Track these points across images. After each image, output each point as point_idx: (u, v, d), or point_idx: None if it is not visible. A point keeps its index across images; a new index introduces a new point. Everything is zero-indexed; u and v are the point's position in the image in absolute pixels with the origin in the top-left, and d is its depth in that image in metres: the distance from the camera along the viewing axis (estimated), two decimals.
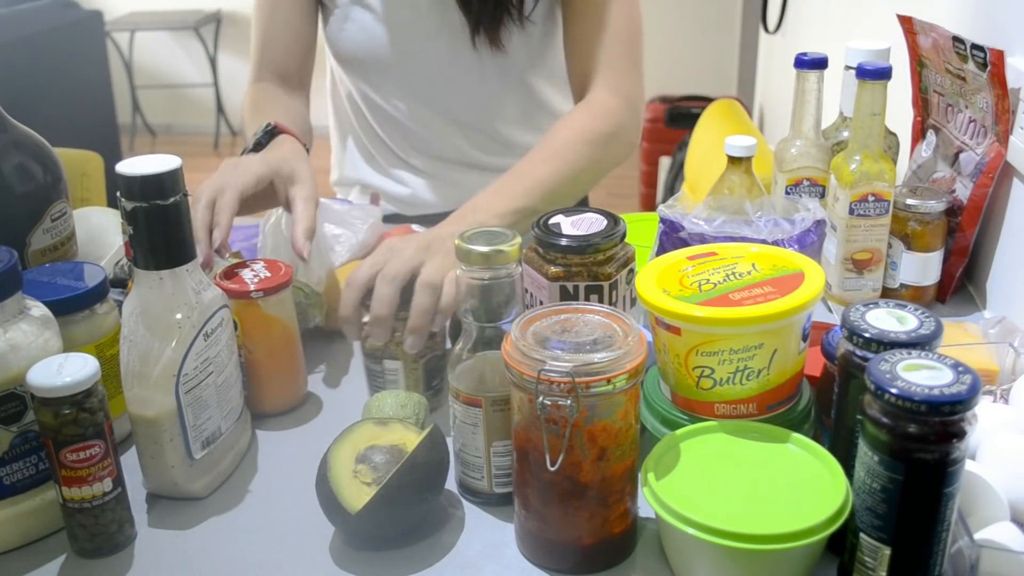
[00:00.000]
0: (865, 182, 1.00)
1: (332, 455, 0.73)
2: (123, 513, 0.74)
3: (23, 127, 0.95)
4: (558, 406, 0.65)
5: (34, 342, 0.73)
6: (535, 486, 0.69)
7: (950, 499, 0.61)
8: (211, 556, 0.74)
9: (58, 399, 0.69)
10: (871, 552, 0.63)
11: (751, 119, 2.90)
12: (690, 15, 4.50)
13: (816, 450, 0.70)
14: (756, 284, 0.75)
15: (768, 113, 3.58)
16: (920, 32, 1.11)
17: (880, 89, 0.97)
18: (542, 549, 0.71)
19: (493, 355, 0.74)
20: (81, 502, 0.71)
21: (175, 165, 0.72)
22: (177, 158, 0.74)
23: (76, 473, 0.70)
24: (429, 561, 0.72)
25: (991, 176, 1.03)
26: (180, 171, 0.73)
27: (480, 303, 0.73)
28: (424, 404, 0.85)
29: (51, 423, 0.69)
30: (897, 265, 1.05)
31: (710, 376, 0.73)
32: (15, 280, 0.73)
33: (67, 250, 0.97)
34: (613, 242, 0.80)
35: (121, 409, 0.84)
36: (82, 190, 1.66)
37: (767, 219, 0.89)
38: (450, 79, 1.25)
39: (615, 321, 0.69)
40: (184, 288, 0.75)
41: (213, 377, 0.78)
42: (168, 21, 4.93)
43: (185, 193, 0.74)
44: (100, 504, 0.72)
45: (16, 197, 0.92)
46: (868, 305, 0.70)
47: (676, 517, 0.65)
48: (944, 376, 0.60)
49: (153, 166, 0.72)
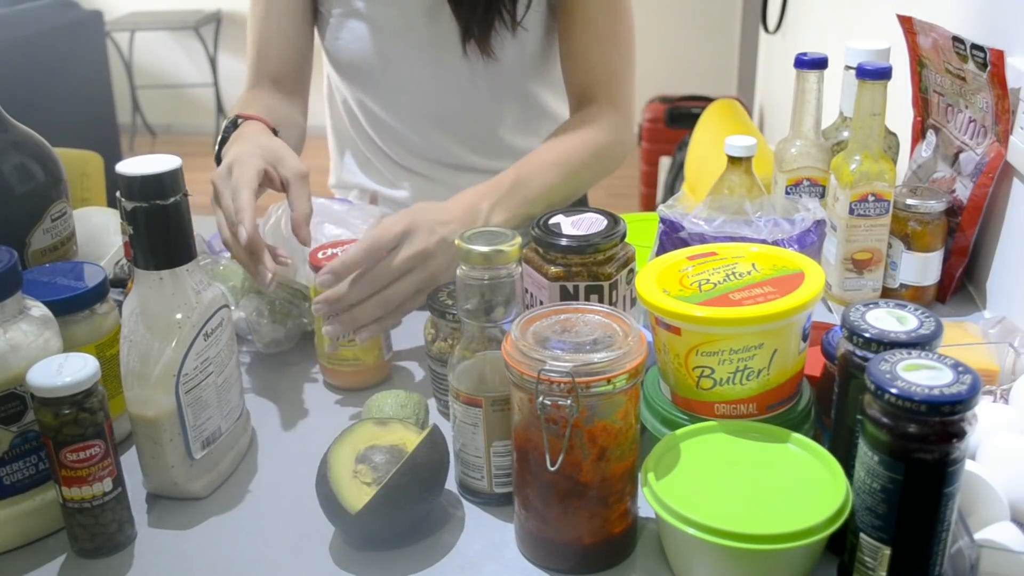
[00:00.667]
0: (865, 182, 1.00)
1: (332, 455, 0.74)
2: (123, 513, 0.74)
3: (23, 127, 0.95)
4: (558, 406, 0.65)
5: (34, 342, 0.73)
6: (535, 486, 0.69)
7: (950, 499, 0.61)
8: (211, 556, 0.74)
9: (58, 399, 0.69)
10: (871, 552, 0.63)
11: (751, 119, 2.90)
12: (690, 15, 4.50)
13: (816, 450, 0.70)
14: (756, 284, 0.75)
15: (768, 113, 3.58)
16: (920, 32, 1.11)
17: (880, 89, 0.97)
18: (542, 549, 0.71)
19: (493, 355, 0.74)
20: (81, 502, 0.71)
21: (175, 165, 0.72)
22: (177, 158, 0.74)
23: (76, 473, 0.70)
24: (429, 561, 0.72)
25: (991, 176, 1.03)
26: (180, 171, 0.73)
27: (480, 303, 0.73)
28: (424, 404, 0.85)
29: (51, 423, 0.69)
30: (897, 265, 1.05)
31: (710, 376, 0.73)
32: (15, 280, 0.73)
33: (67, 250, 0.97)
34: (613, 242, 0.80)
35: (121, 409, 0.84)
36: (82, 190, 1.66)
37: (767, 219, 0.89)
38: (444, 87, 1.25)
39: (615, 321, 0.69)
40: (184, 288, 0.75)
41: (213, 377, 0.78)
42: (168, 21, 4.93)
43: (185, 193, 0.74)
44: (100, 504, 0.72)
45: (16, 197, 0.92)
46: (868, 305, 0.70)
47: (676, 517, 0.65)
48: (944, 376, 0.60)
49: (153, 166, 0.72)
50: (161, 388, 0.75)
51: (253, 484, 0.82)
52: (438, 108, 1.27)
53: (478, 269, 0.73)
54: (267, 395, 0.95)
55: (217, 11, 5.07)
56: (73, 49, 3.65)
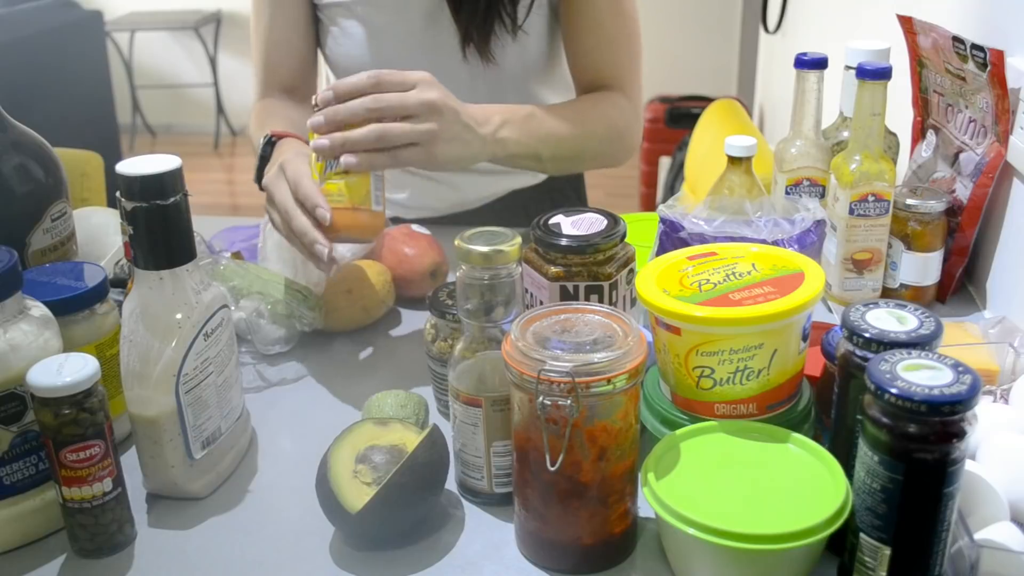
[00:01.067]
0: (865, 182, 1.00)
1: (332, 455, 0.74)
2: (123, 513, 0.74)
3: (23, 127, 0.95)
4: (558, 406, 0.65)
5: (34, 342, 0.73)
6: (535, 486, 0.69)
7: (950, 499, 0.61)
8: (211, 556, 0.74)
9: (58, 399, 0.69)
10: (871, 552, 0.63)
11: (751, 119, 2.90)
12: (690, 15, 4.50)
13: (816, 450, 0.70)
14: (756, 284, 0.75)
15: (768, 113, 3.58)
16: (920, 32, 1.11)
17: (880, 89, 0.97)
18: (542, 549, 0.71)
19: (493, 355, 0.74)
20: (81, 502, 0.71)
21: (175, 165, 0.72)
22: (177, 158, 0.74)
23: (76, 473, 0.70)
24: (429, 561, 0.72)
25: (991, 176, 1.03)
26: (180, 171, 0.73)
27: (480, 303, 0.73)
28: (424, 404, 0.85)
29: (51, 423, 0.69)
30: (897, 265, 1.05)
31: (710, 376, 0.73)
32: (15, 280, 0.73)
33: (67, 250, 0.97)
34: (613, 242, 0.80)
35: (121, 409, 0.84)
36: (82, 190, 1.66)
37: (767, 219, 0.89)
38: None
39: (615, 321, 0.69)
40: (184, 288, 0.75)
41: (213, 377, 0.78)
42: (168, 21, 4.93)
43: (185, 193, 0.74)
44: (100, 504, 0.72)
45: (16, 197, 0.92)
46: (868, 305, 0.70)
47: (676, 517, 0.65)
48: (944, 376, 0.60)
49: (153, 166, 0.72)
50: (161, 388, 0.75)
51: (253, 484, 0.82)
52: None
53: (478, 269, 0.73)
54: (267, 395, 0.95)
55: (217, 11, 5.07)
56: (73, 49, 3.65)
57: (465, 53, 1.19)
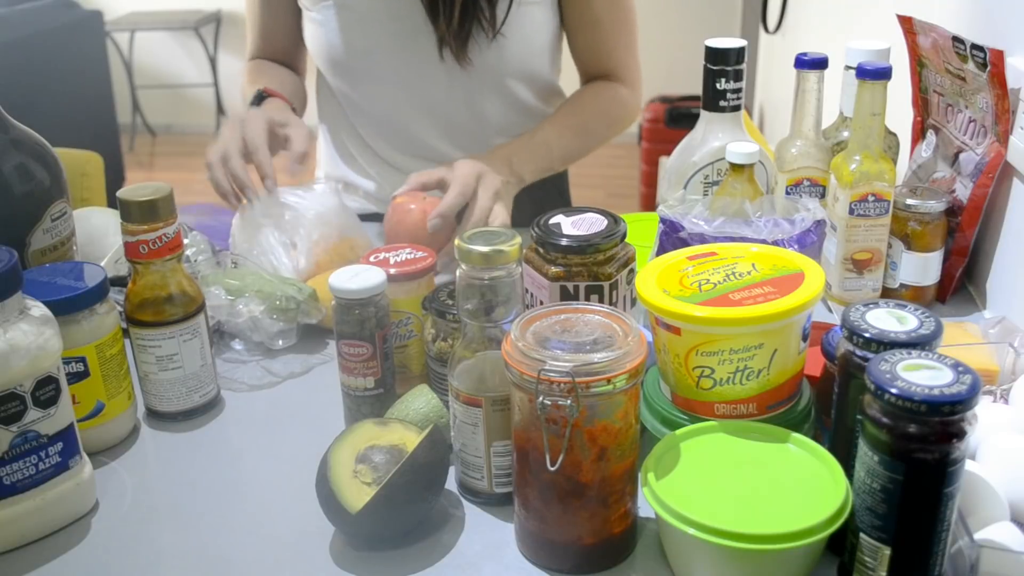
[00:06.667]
0: (865, 182, 1.00)
1: (332, 455, 0.73)
2: (382, 410, 0.85)
3: (23, 127, 0.95)
4: (558, 406, 0.65)
5: (34, 342, 0.73)
6: (535, 486, 0.69)
7: (950, 499, 0.61)
8: (211, 556, 0.74)
9: (348, 301, 0.81)
10: (871, 552, 0.63)
11: (751, 119, 2.90)
12: (690, 15, 4.50)
13: (816, 450, 0.70)
14: (756, 284, 0.75)
15: (768, 113, 3.58)
16: (920, 32, 1.11)
17: (880, 89, 0.97)
18: (542, 549, 0.71)
19: (493, 355, 0.74)
20: (348, 389, 0.85)
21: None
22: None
23: (347, 363, 0.84)
24: (429, 561, 0.72)
25: (991, 176, 1.03)
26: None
27: (480, 303, 0.73)
28: (442, 407, 0.83)
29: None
30: (897, 265, 1.05)
31: (710, 376, 0.73)
32: (15, 280, 0.73)
33: (67, 250, 0.97)
34: (613, 242, 0.80)
35: (121, 409, 0.84)
36: (82, 190, 1.66)
37: (767, 219, 0.89)
38: (423, 88, 1.25)
39: (615, 321, 0.69)
40: None
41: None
42: (168, 21, 4.93)
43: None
44: (361, 396, 0.84)
45: (16, 197, 0.92)
46: (868, 305, 0.70)
47: (676, 517, 0.65)
48: (944, 376, 0.60)
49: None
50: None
51: (253, 484, 0.82)
52: (418, 106, 1.28)
53: (478, 269, 0.73)
54: (267, 395, 0.95)
55: (217, 11, 5.07)
56: (73, 49, 3.65)
57: (442, 54, 1.20)
